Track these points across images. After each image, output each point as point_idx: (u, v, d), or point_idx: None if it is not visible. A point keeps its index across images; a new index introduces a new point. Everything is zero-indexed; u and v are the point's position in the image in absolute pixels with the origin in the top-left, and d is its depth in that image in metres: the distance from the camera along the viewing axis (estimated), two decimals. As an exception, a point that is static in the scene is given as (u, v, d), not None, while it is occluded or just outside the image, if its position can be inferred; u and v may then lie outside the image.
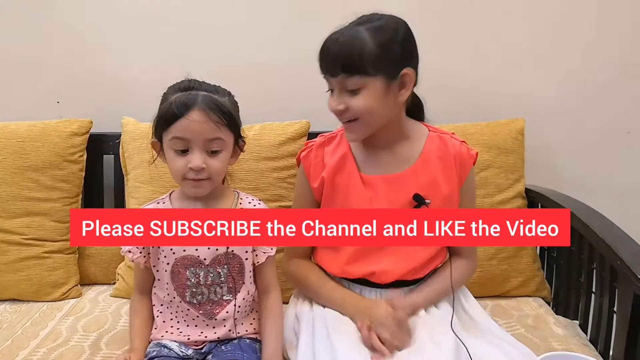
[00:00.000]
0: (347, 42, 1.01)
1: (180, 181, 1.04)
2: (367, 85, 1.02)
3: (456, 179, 1.13)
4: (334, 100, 1.06)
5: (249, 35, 1.67)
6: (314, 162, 1.17)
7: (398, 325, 1.02)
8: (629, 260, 1.09)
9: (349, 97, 1.04)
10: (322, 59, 1.05)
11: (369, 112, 1.04)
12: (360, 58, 1.00)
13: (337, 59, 1.02)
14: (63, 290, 1.47)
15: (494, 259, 1.45)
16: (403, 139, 1.13)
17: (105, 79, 1.70)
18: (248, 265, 1.09)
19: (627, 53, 1.68)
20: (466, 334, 1.06)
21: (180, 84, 1.05)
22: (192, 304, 1.07)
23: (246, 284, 1.09)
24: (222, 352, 1.06)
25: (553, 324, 1.31)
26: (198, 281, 1.06)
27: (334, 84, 1.05)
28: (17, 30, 1.68)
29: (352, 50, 1.00)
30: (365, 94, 1.03)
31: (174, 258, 1.06)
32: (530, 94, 1.70)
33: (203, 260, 1.06)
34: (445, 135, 1.15)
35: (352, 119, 1.06)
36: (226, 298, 1.08)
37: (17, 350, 1.20)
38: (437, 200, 1.10)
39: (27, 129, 1.51)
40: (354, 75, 1.01)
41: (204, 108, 1.00)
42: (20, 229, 1.46)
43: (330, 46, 1.03)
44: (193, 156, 1.00)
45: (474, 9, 1.66)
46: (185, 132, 0.99)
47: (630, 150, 1.73)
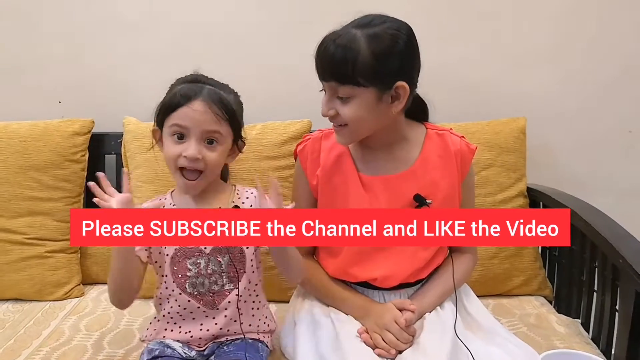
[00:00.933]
0: (341, 49, 0.97)
1: (174, 171, 1.05)
2: (357, 95, 1.00)
3: (457, 175, 1.13)
4: (325, 105, 1.05)
5: (250, 35, 1.68)
6: (311, 157, 1.16)
7: (404, 329, 1.02)
8: (630, 258, 1.09)
9: (340, 103, 1.02)
10: (317, 61, 1.02)
11: (357, 121, 1.02)
12: (353, 68, 0.96)
13: (329, 66, 0.99)
14: (65, 290, 1.47)
15: (496, 258, 1.45)
16: (401, 140, 1.12)
17: (107, 79, 1.70)
18: (249, 254, 1.09)
19: (629, 52, 1.68)
20: (469, 333, 1.06)
21: (188, 77, 1.07)
22: (192, 295, 1.07)
23: (247, 272, 1.09)
24: (225, 352, 1.05)
25: (555, 322, 1.31)
26: (199, 271, 1.06)
27: (325, 87, 1.04)
28: (18, 31, 1.69)
29: (345, 58, 0.96)
30: (355, 103, 1.00)
31: (174, 247, 1.06)
32: (532, 93, 1.69)
33: (204, 249, 1.06)
34: (444, 132, 1.14)
35: (341, 124, 1.05)
36: (227, 288, 1.08)
37: (20, 349, 1.20)
38: (438, 199, 1.09)
39: (29, 128, 1.51)
40: (345, 85, 0.99)
41: (207, 100, 1.02)
42: (23, 228, 1.46)
43: (324, 50, 0.99)
44: (189, 145, 1.01)
45: (475, 8, 1.66)
46: (185, 120, 1.01)
47: (632, 149, 1.73)
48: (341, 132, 1.07)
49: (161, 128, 1.06)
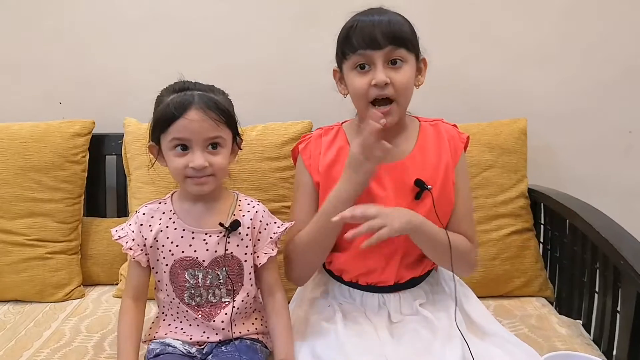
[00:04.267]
0: (392, 19, 1.04)
1: (182, 181, 1.03)
2: (407, 60, 1.06)
3: (451, 160, 1.15)
4: (380, 73, 1.03)
5: (250, 35, 1.68)
6: (314, 153, 1.16)
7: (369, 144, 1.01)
8: (632, 259, 1.09)
9: (392, 72, 1.05)
10: (364, 33, 1.03)
11: (405, 89, 1.06)
12: (406, 34, 1.05)
13: (387, 30, 1.03)
14: (66, 291, 1.47)
15: (497, 259, 1.45)
16: (401, 130, 1.15)
17: (107, 80, 1.70)
18: (247, 268, 1.08)
19: (630, 52, 1.67)
20: (470, 335, 1.06)
21: (174, 86, 1.04)
22: (190, 305, 1.07)
23: (245, 285, 1.09)
24: (222, 352, 1.06)
25: (556, 323, 1.31)
26: (197, 283, 1.06)
27: (375, 57, 1.04)
28: (19, 32, 1.69)
29: (400, 24, 1.05)
30: (406, 68, 1.06)
31: (173, 260, 1.06)
32: (533, 93, 1.69)
33: (202, 262, 1.05)
34: (436, 122, 1.19)
35: (389, 96, 1.05)
36: (225, 300, 1.07)
37: (21, 351, 1.20)
38: (437, 184, 1.11)
39: (29, 129, 1.51)
40: (401, 48, 1.04)
41: (202, 107, 0.99)
42: (23, 229, 1.46)
43: (375, 20, 1.04)
44: (194, 156, 1.00)
45: (475, 8, 1.66)
46: (184, 132, 0.99)
47: (632, 150, 1.73)
48: (390, 111, 1.06)
49: (158, 143, 1.04)
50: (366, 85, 1.05)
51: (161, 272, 1.07)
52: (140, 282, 1.08)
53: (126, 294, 1.08)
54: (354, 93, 1.08)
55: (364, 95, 1.06)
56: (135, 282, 1.08)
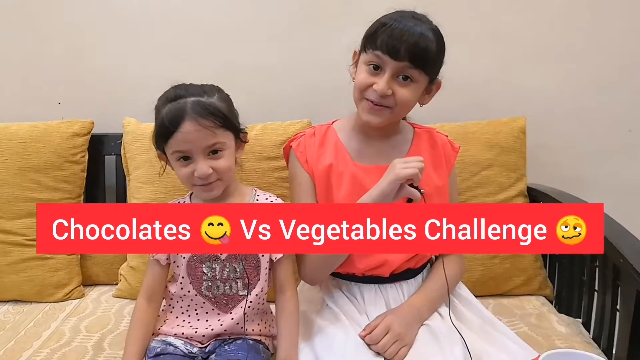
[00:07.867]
0: (423, 35, 1.02)
1: (191, 188, 1.06)
2: (418, 81, 1.05)
3: (445, 168, 1.17)
4: (385, 84, 1.03)
5: (250, 35, 1.67)
6: (308, 150, 1.17)
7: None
8: (631, 258, 1.09)
9: (398, 85, 1.05)
10: (389, 38, 1.02)
11: (406, 104, 1.07)
12: (429, 56, 1.03)
13: (412, 46, 1.01)
14: (65, 291, 1.47)
15: (496, 258, 1.45)
16: (396, 134, 1.17)
17: (107, 80, 1.70)
18: (264, 262, 1.09)
19: (629, 51, 1.67)
20: (469, 333, 1.06)
21: (168, 94, 1.04)
22: (207, 297, 1.08)
23: (261, 280, 1.09)
24: (226, 351, 1.06)
25: (556, 322, 1.31)
26: (214, 275, 1.07)
27: (388, 65, 1.04)
28: (17, 31, 1.68)
29: (426, 45, 1.02)
30: (413, 87, 1.05)
31: (191, 253, 1.07)
32: (532, 92, 1.69)
33: (219, 255, 1.07)
34: (430, 129, 1.21)
35: (388, 105, 1.06)
36: (241, 293, 1.08)
37: (21, 351, 1.20)
38: (430, 188, 1.11)
39: (28, 130, 1.51)
40: (417, 69, 1.03)
41: (195, 117, 0.99)
42: (22, 229, 1.46)
43: (406, 30, 1.01)
44: (197, 165, 1.01)
45: (474, 7, 1.66)
46: (182, 145, 1.00)
47: (632, 148, 1.73)
48: (381, 113, 1.07)
49: (164, 152, 1.06)
50: (369, 85, 1.06)
51: (179, 264, 1.08)
52: (156, 281, 1.10)
53: (140, 294, 1.10)
54: (357, 84, 1.09)
55: (364, 91, 1.07)
56: (151, 281, 1.10)
